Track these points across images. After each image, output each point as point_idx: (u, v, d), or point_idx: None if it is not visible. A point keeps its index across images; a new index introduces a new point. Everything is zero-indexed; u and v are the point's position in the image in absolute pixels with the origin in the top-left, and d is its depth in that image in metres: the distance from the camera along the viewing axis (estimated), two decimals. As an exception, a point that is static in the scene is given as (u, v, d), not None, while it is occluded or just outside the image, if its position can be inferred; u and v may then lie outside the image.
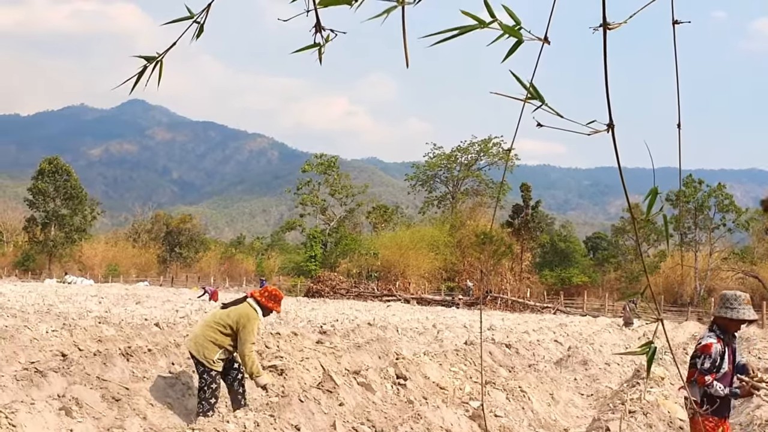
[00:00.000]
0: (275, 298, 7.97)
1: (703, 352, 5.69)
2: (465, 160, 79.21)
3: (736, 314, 5.66)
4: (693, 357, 5.80)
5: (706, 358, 5.65)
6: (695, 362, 5.73)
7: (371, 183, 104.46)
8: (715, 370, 5.64)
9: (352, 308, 35.78)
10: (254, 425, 6.15)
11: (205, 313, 24.93)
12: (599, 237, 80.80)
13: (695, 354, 5.76)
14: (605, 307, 53.27)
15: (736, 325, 5.77)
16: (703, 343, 5.73)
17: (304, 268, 67.95)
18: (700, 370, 5.66)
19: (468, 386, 9.96)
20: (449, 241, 65.87)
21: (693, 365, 5.81)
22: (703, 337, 5.84)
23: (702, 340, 5.81)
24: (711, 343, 5.69)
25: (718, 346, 5.69)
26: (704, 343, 5.73)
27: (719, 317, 5.76)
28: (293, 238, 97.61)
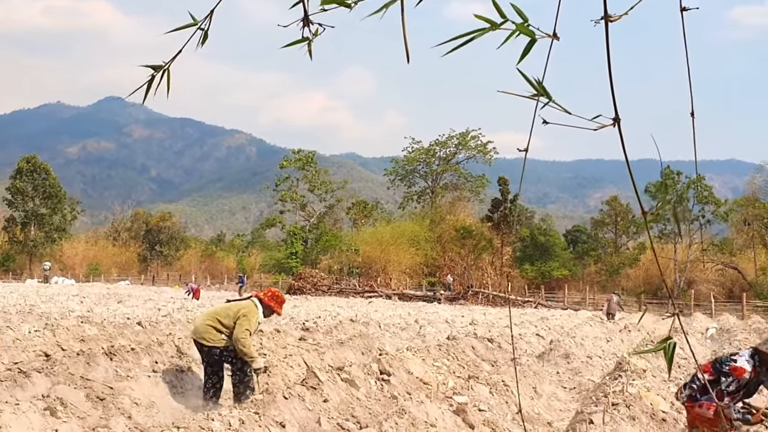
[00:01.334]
0: (277, 299, 8.37)
1: (735, 375, 5.64)
2: (444, 154, 79.33)
3: None
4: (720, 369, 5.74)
5: (734, 382, 5.63)
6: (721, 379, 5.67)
7: (351, 178, 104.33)
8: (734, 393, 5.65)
9: (334, 305, 35.75)
10: (239, 423, 6.13)
11: (188, 311, 24.84)
12: (579, 230, 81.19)
13: (725, 371, 5.69)
14: (586, 300, 53.64)
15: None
16: (738, 366, 5.67)
17: (285, 265, 67.77)
18: (724, 390, 5.63)
19: (451, 381, 9.98)
20: (430, 236, 65.98)
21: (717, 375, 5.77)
22: (738, 357, 5.79)
23: (738, 359, 5.75)
24: (745, 369, 5.64)
25: (747, 376, 5.64)
26: (739, 366, 5.67)
27: (764, 352, 5.68)
28: (273, 235, 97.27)
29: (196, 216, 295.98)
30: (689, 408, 5.89)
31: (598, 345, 17.69)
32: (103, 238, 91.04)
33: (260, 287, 62.37)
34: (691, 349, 1.44)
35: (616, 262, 65.36)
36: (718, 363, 5.84)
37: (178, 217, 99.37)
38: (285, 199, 73.91)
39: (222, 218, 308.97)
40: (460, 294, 51.73)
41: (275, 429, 6.39)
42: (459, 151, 79.20)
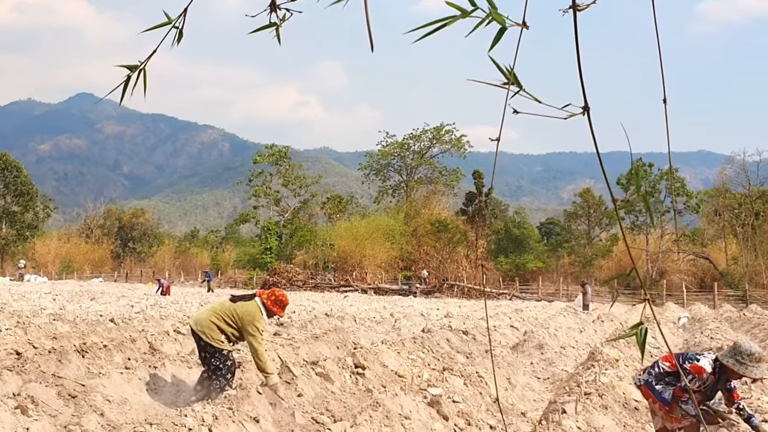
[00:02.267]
0: (281, 304, 8.29)
1: (695, 373, 5.75)
2: (418, 148, 79.37)
3: (744, 370, 5.66)
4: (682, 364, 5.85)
5: (695, 379, 5.75)
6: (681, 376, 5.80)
7: (325, 173, 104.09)
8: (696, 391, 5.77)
9: (309, 299, 35.69)
10: (213, 418, 6.10)
11: (161, 307, 24.67)
12: (552, 222, 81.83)
13: (685, 368, 5.79)
14: (560, 291, 54.07)
15: (737, 376, 5.80)
16: (700, 365, 5.77)
17: (259, 260, 67.51)
18: (683, 387, 5.74)
19: (426, 373, 10.02)
20: (405, 230, 66.04)
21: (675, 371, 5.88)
22: (702, 357, 5.89)
23: (701, 359, 5.85)
24: (706, 370, 5.75)
25: (706, 376, 5.76)
26: (701, 365, 5.77)
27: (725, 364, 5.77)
28: (248, 230, 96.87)
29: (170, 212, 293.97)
30: (644, 393, 6.02)
31: (572, 335, 17.85)
32: (75, 235, 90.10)
33: (234, 283, 62.17)
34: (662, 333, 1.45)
35: (589, 253, 65.93)
36: (681, 358, 5.97)
37: (151, 213, 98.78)
38: (259, 194, 73.54)
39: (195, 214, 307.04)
40: (435, 287, 51.90)
41: (249, 424, 6.37)
42: (433, 145, 79.25)
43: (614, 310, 29.54)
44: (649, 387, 5.94)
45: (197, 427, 5.86)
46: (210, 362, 7.99)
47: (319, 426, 6.78)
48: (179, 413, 6.15)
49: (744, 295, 47.88)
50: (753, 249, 57.17)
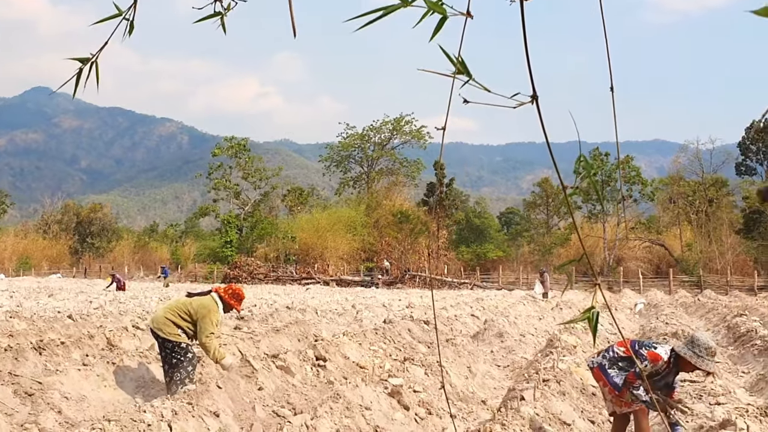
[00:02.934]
0: (237, 297, 8.48)
1: (652, 360, 5.84)
2: (378, 140, 79.38)
3: (700, 362, 5.75)
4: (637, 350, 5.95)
5: (648, 366, 5.84)
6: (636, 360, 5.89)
7: (285, 165, 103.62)
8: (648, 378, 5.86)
9: (270, 293, 35.55)
10: (172, 414, 6.07)
11: (120, 303, 24.40)
12: (512, 212, 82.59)
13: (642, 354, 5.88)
14: (520, 280, 54.62)
15: (691, 367, 5.89)
16: (656, 353, 5.87)
17: (220, 254, 67.03)
18: (637, 372, 5.83)
19: (387, 364, 10.07)
20: (366, 222, 66.04)
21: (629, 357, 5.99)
22: (659, 346, 5.99)
23: (658, 347, 5.95)
24: (662, 358, 5.85)
25: (662, 364, 5.86)
26: (657, 353, 5.87)
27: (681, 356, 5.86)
28: (208, 224, 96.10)
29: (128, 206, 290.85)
30: (596, 376, 6.10)
31: (531, 323, 18.07)
32: (32, 231, 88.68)
33: (194, 277, 61.66)
34: (614, 318, 1.50)
35: (548, 242, 66.64)
36: (637, 344, 6.06)
37: (109, 208, 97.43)
38: (218, 187, 72.91)
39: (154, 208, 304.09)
40: (397, 278, 52.05)
41: (209, 419, 6.36)
42: (394, 136, 79.32)
43: (573, 297, 29.96)
44: (602, 370, 6.03)
45: (156, 422, 5.83)
46: (170, 358, 8.01)
47: (280, 419, 6.79)
48: (138, 409, 6.11)
49: (699, 280, 48.88)
50: (707, 235, 58.34)
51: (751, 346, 13.73)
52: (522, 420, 6.47)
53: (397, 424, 7.18)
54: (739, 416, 6.54)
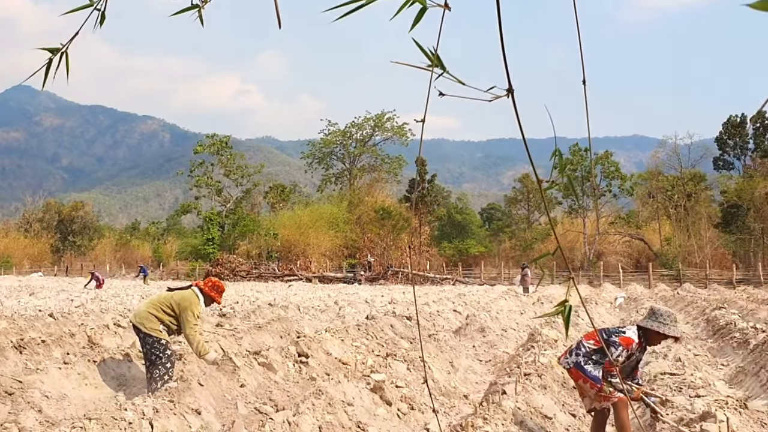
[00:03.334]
0: (217, 289, 8.57)
1: (625, 345, 5.93)
2: (360, 136, 79.37)
3: (666, 330, 5.90)
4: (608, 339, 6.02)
5: (623, 351, 5.92)
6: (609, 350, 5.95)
7: (267, 162, 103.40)
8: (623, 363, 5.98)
9: (252, 290, 35.46)
10: (153, 411, 6.05)
11: (102, 301, 24.25)
12: (493, 208, 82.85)
13: (613, 341, 5.96)
14: (501, 275, 54.85)
15: (659, 338, 6.03)
16: (628, 336, 5.97)
17: (202, 251, 66.78)
18: (611, 360, 5.93)
19: (370, 359, 10.09)
20: (348, 218, 66.06)
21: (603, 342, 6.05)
22: (627, 329, 6.09)
23: (626, 331, 6.05)
24: (633, 340, 5.95)
25: (635, 347, 5.96)
26: (628, 336, 5.97)
27: (647, 329, 5.98)
28: (189, 221, 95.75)
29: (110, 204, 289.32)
30: (575, 375, 6.13)
31: (513, 318, 18.16)
32: (14, 229, 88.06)
33: (176, 275, 61.39)
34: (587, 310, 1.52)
35: (529, 237, 67.00)
36: (605, 333, 6.13)
37: (91, 206, 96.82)
38: (200, 184, 72.64)
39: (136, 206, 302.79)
40: (379, 274, 52.09)
41: (191, 416, 6.34)
42: (375, 133, 79.35)
43: (554, 292, 30.12)
44: (579, 368, 6.04)
45: (138, 420, 5.81)
46: (150, 354, 8.01)
47: (262, 416, 6.78)
48: (119, 407, 6.09)
49: (678, 274, 49.32)
50: (686, 230, 58.89)
51: (730, 339, 13.87)
52: (504, 414, 6.52)
53: (379, 419, 7.20)
54: (718, 408, 6.61)
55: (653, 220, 64.53)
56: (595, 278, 50.51)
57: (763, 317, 18.03)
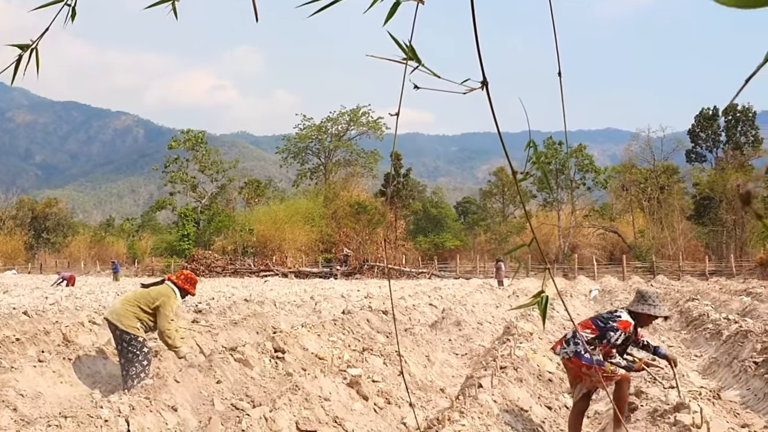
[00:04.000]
0: (191, 281, 8.65)
1: (622, 328, 6.14)
2: (335, 131, 79.25)
3: (656, 311, 6.19)
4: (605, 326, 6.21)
5: (622, 335, 6.13)
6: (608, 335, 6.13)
7: (242, 157, 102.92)
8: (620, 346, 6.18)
9: (228, 286, 35.31)
10: (129, 409, 6.02)
11: (77, 298, 24.03)
12: (468, 201, 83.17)
13: (611, 326, 6.15)
14: (477, 268, 55.08)
15: (649, 320, 6.29)
16: (624, 320, 6.18)
17: (177, 247, 66.32)
18: (611, 343, 6.10)
19: (346, 354, 10.09)
20: (324, 213, 65.96)
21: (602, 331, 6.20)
22: (621, 313, 6.29)
23: (622, 315, 6.25)
24: (630, 322, 6.18)
25: (632, 329, 6.21)
26: (624, 319, 6.18)
27: (638, 312, 6.23)
28: (164, 217, 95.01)
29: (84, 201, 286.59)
30: (575, 364, 6.25)
31: (488, 311, 18.24)
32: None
33: (152, 271, 60.96)
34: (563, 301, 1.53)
35: (504, 230, 67.31)
36: (601, 320, 6.32)
37: (64, 203, 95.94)
38: (175, 180, 72.09)
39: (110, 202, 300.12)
40: (355, 268, 52.09)
41: (167, 413, 6.32)
42: (350, 128, 79.29)
43: (529, 285, 30.31)
44: (579, 357, 6.20)
45: (113, 418, 5.77)
46: (126, 351, 7.99)
47: (239, 412, 6.76)
48: (95, 405, 6.05)
49: (651, 266, 49.83)
50: (659, 222, 59.51)
51: (703, 330, 14.05)
52: (480, 407, 6.55)
53: (356, 414, 7.21)
54: (692, 399, 6.70)
55: (627, 213, 65.11)
56: (570, 271, 50.87)
57: (736, 308, 18.29)
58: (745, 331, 11.39)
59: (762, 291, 24.00)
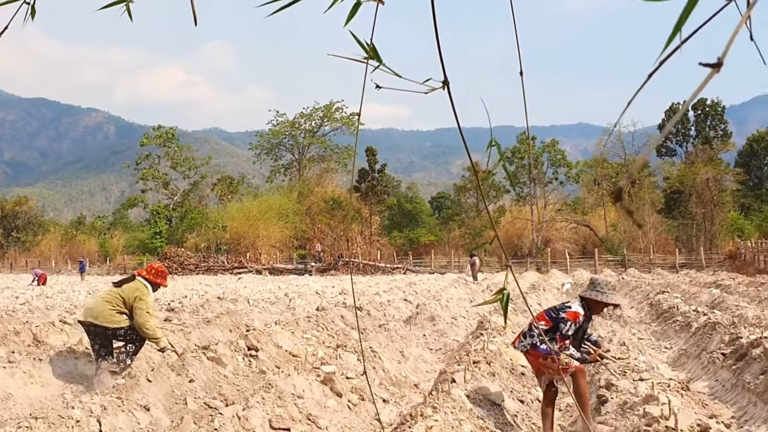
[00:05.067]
0: (161, 274, 8.80)
1: (572, 319, 6.22)
2: (309, 127, 79.10)
3: (605, 298, 6.26)
4: (557, 316, 6.32)
5: (572, 325, 6.22)
6: (560, 326, 6.23)
7: (215, 154, 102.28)
8: (572, 336, 6.25)
9: (201, 283, 35.11)
10: (101, 409, 5.98)
11: (47, 297, 23.76)
12: (443, 196, 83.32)
13: (562, 317, 6.25)
14: (451, 263, 55.27)
15: (601, 307, 6.38)
16: (574, 310, 6.27)
17: (149, 245, 65.87)
18: (563, 335, 6.19)
19: (320, 351, 10.10)
20: (298, 209, 65.84)
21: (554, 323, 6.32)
22: (572, 304, 6.38)
23: (572, 305, 6.34)
24: (580, 313, 6.27)
25: (582, 319, 6.28)
26: (575, 310, 6.27)
27: (588, 298, 6.32)
28: (136, 215, 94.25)
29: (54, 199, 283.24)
30: (533, 356, 6.38)
31: (462, 306, 18.33)
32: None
33: (124, 270, 60.42)
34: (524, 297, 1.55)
35: (478, 225, 67.57)
36: (553, 312, 6.44)
37: (35, 201, 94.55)
38: (147, 177, 71.59)
39: (81, 200, 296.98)
40: (330, 265, 52.05)
41: (139, 413, 6.29)
42: (324, 124, 79.18)
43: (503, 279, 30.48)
44: (536, 348, 6.34)
45: (85, 418, 5.74)
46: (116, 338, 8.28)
47: (212, 411, 6.75)
48: (66, 405, 6.00)
49: (623, 259, 50.37)
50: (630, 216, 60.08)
51: (673, 323, 14.23)
52: (453, 402, 6.59)
53: (330, 411, 7.22)
54: (661, 391, 6.80)
55: (599, 207, 65.69)
56: (543, 264, 51.24)
57: (705, 300, 18.55)
58: (713, 323, 11.56)
59: (731, 283, 24.37)
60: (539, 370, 6.51)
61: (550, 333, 6.33)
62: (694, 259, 49.35)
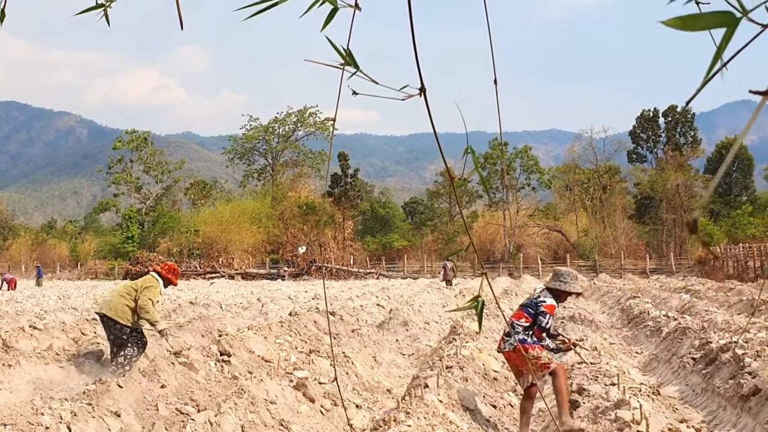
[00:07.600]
0: (174, 272, 9.57)
1: (550, 312, 6.51)
2: (282, 132, 78.94)
3: (568, 287, 6.62)
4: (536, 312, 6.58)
5: (550, 318, 6.51)
6: (539, 319, 6.49)
7: (188, 158, 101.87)
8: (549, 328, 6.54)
9: (173, 288, 34.79)
10: (71, 415, 5.91)
11: (17, 302, 23.45)
12: (416, 201, 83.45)
13: (541, 311, 6.51)
14: (424, 268, 55.38)
15: (565, 296, 6.71)
16: (550, 303, 6.56)
17: (121, 249, 65.24)
18: (541, 327, 6.47)
19: (293, 356, 10.07)
20: (271, 214, 65.63)
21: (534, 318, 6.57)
22: (545, 298, 6.65)
23: (546, 299, 6.61)
24: (554, 305, 6.59)
25: (556, 311, 6.64)
26: (550, 303, 6.56)
27: (553, 288, 6.65)
28: (108, 219, 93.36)
29: (25, 203, 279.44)
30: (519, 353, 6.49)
31: (435, 311, 18.37)
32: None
33: (95, 274, 59.80)
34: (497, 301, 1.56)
35: (451, 230, 67.78)
36: (531, 308, 6.68)
37: (4, 204, 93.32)
38: (119, 181, 71.01)
39: (53, 204, 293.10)
40: (303, 269, 51.93)
41: (110, 419, 6.22)
42: (298, 128, 79.07)
43: (476, 284, 30.59)
44: (524, 342, 6.54)
45: (55, 425, 5.67)
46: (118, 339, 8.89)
47: (183, 416, 6.70)
48: (35, 411, 5.93)
49: (594, 265, 50.80)
50: (601, 221, 60.72)
51: (644, 327, 14.39)
52: (426, 407, 6.61)
53: (302, 416, 7.21)
54: (632, 396, 6.88)
55: (570, 212, 66.25)
56: (515, 270, 51.52)
57: (675, 305, 18.76)
58: (683, 327, 11.71)
59: (700, 288, 24.69)
60: (520, 370, 6.63)
61: (531, 329, 6.56)
62: (664, 265, 49.93)
